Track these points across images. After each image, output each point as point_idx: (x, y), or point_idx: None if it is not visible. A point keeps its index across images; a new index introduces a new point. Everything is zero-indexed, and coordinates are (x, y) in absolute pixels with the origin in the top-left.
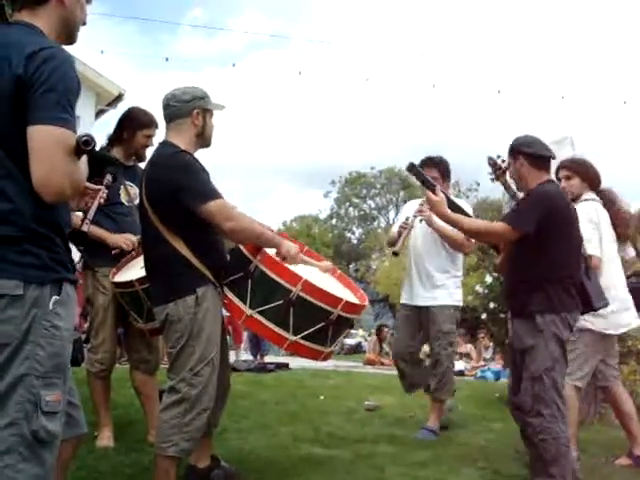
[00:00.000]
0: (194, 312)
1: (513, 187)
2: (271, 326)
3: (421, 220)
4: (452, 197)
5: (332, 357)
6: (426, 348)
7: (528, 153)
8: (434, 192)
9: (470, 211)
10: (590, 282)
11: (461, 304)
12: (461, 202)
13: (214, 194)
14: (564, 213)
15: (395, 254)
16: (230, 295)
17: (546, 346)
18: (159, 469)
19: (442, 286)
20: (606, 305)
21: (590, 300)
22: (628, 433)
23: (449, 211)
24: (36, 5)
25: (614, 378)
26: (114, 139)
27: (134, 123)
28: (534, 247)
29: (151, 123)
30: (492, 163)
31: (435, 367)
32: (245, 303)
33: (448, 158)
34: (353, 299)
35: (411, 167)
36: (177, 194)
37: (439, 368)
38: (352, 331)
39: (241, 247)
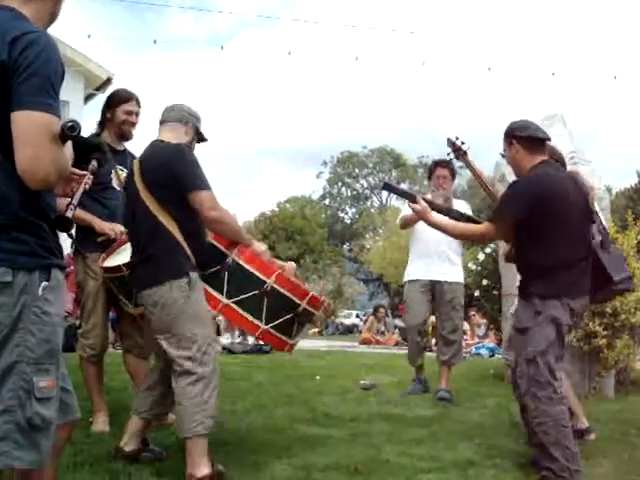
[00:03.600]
0: (188, 295)
1: (475, 166)
2: (246, 315)
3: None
4: (452, 198)
5: (293, 350)
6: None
7: (522, 137)
8: (415, 201)
9: (468, 210)
10: (608, 255)
11: None
12: (459, 202)
13: (205, 184)
14: (553, 195)
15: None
16: (206, 287)
17: (541, 329)
18: (194, 450)
19: (457, 265)
20: (630, 277)
21: (608, 274)
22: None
23: (434, 217)
24: None
25: None
26: (102, 123)
27: (113, 100)
28: (531, 233)
29: (129, 97)
30: (451, 144)
31: (452, 335)
32: (222, 293)
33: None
34: (317, 294)
35: (385, 186)
36: (174, 179)
37: (456, 337)
38: (346, 311)
39: (215, 243)
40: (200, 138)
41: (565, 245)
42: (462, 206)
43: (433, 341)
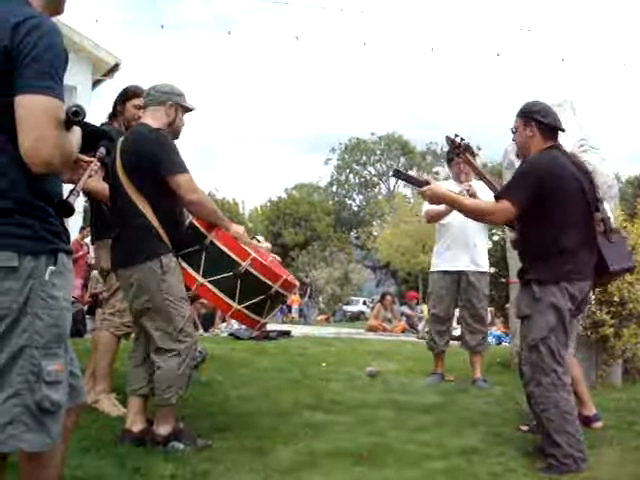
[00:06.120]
0: (161, 277)
1: (475, 162)
2: (220, 294)
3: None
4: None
5: (264, 327)
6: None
7: (543, 122)
8: (421, 186)
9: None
10: (608, 244)
11: None
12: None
13: (184, 168)
14: (557, 180)
15: None
16: (184, 265)
17: (542, 315)
18: (162, 414)
19: (483, 255)
20: (630, 268)
21: (605, 263)
22: (576, 396)
23: (446, 193)
24: None
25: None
26: (112, 116)
27: (124, 95)
28: (532, 217)
29: (140, 93)
30: (450, 141)
31: (476, 324)
32: (198, 272)
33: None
34: (290, 278)
35: (396, 173)
36: (153, 164)
37: (480, 326)
38: (353, 298)
39: (196, 223)
40: (186, 110)
41: (566, 230)
42: (481, 187)
43: (457, 331)
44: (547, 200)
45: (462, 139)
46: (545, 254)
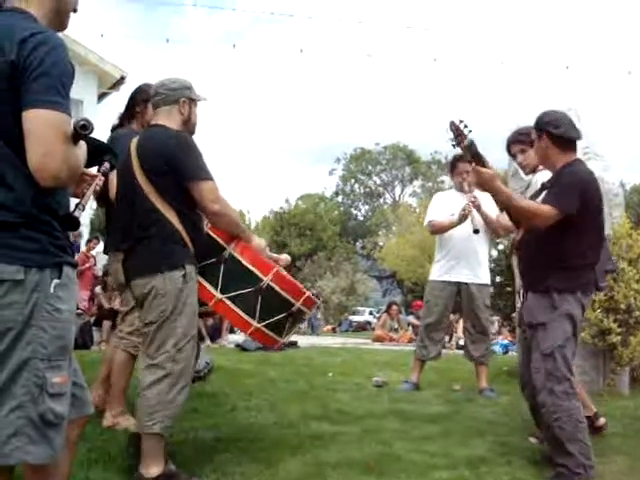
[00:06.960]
0: (181, 288)
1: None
2: (239, 312)
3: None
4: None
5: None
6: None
7: (555, 134)
8: (485, 165)
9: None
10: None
11: None
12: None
13: (208, 175)
14: (596, 196)
15: (476, 232)
16: (200, 279)
17: (560, 324)
18: (147, 448)
19: (484, 266)
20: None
21: (595, 280)
22: None
23: (501, 185)
24: None
25: None
26: (128, 116)
27: (144, 96)
28: (564, 229)
29: None
30: (454, 128)
31: (479, 335)
32: (216, 288)
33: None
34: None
35: (470, 144)
36: (175, 168)
37: (483, 336)
38: (359, 308)
39: (212, 234)
40: (197, 102)
41: (594, 246)
42: (486, 198)
43: (461, 341)
44: (586, 213)
45: (466, 126)
46: (570, 264)
